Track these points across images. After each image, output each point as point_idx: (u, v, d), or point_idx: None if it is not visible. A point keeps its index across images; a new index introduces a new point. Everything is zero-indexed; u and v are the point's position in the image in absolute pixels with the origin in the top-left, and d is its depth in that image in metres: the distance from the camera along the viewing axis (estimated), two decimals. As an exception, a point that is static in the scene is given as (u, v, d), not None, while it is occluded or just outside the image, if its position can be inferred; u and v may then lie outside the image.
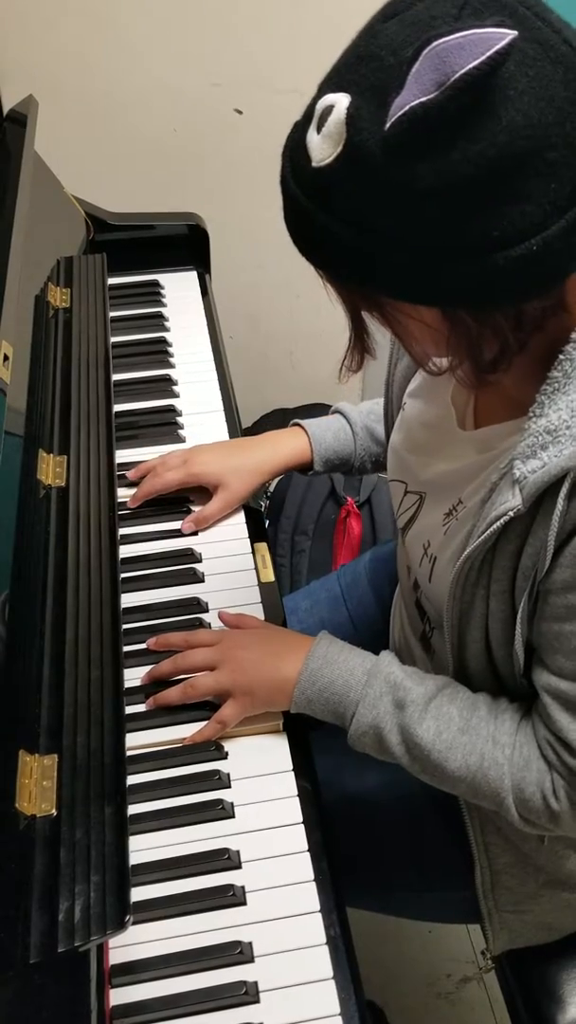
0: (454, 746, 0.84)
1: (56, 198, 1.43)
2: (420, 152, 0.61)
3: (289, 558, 1.82)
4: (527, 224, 0.63)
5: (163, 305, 1.46)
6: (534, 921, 0.99)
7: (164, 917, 0.82)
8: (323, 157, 0.65)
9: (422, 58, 0.60)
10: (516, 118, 0.60)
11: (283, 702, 0.93)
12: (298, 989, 0.78)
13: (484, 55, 0.59)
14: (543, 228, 0.63)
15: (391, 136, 0.61)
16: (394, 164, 0.62)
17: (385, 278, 0.68)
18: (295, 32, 1.66)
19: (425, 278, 0.66)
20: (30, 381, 1.10)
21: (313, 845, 0.86)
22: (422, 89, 0.60)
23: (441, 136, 0.60)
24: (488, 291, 0.66)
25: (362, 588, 1.29)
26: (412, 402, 0.98)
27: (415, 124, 0.60)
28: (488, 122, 0.60)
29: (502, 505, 0.74)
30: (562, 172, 0.62)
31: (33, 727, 0.81)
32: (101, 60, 1.69)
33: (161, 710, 0.95)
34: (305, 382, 2.11)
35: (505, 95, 0.60)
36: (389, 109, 0.61)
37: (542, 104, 0.61)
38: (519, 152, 0.61)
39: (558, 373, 0.72)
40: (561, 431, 0.71)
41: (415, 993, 1.57)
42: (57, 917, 0.69)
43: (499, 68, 0.59)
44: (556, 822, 0.83)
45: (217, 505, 1.13)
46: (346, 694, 0.89)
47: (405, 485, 0.98)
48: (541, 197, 0.62)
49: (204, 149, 1.82)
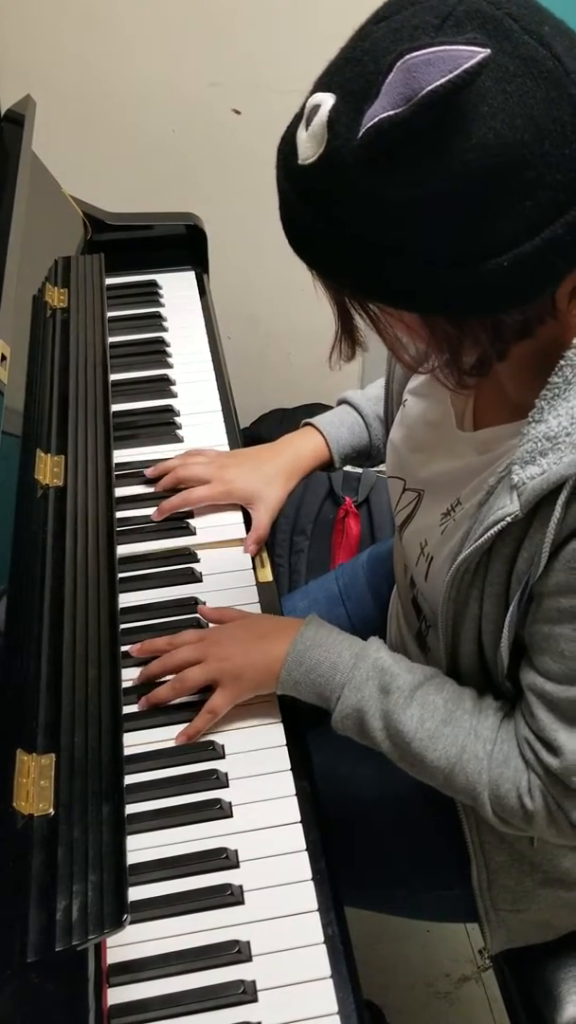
0: (436, 736, 0.85)
1: (54, 198, 1.43)
2: (387, 165, 0.61)
3: (287, 558, 1.82)
4: (498, 241, 0.63)
5: (161, 305, 1.46)
6: (532, 920, 0.99)
7: (162, 916, 0.82)
8: (308, 155, 0.66)
9: (395, 71, 0.60)
10: (488, 136, 0.60)
11: (271, 683, 0.93)
12: (296, 988, 0.78)
13: (452, 73, 0.58)
14: (514, 245, 0.63)
15: (361, 146, 0.62)
16: (364, 173, 0.62)
17: (360, 278, 0.68)
18: (293, 32, 1.66)
19: (397, 283, 0.66)
20: (28, 381, 1.10)
21: (311, 844, 0.86)
22: (391, 102, 0.60)
23: (408, 151, 0.60)
24: (459, 301, 0.66)
25: (360, 587, 1.29)
26: (414, 399, 0.98)
27: (382, 137, 0.60)
28: (457, 139, 0.60)
29: (500, 510, 0.74)
30: (539, 192, 0.62)
31: (31, 726, 0.81)
32: (99, 60, 1.69)
33: (158, 709, 0.95)
34: (303, 382, 2.11)
35: (478, 112, 0.59)
36: (363, 117, 0.61)
37: (519, 122, 0.60)
38: (490, 170, 0.60)
39: (558, 379, 0.72)
40: (561, 438, 0.71)
41: (413, 992, 1.57)
42: (55, 916, 0.69)
43: (467, 86, 0.59)
44: (530, 822, 0.83)
45: (265, 518, 1.13)
46: (332, 676, 0.90)
47: (404, 482, 0.98)
48: (515, 215, 0.62)
49: (202, 149, 1.82)
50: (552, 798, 0.81)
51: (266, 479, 1.14)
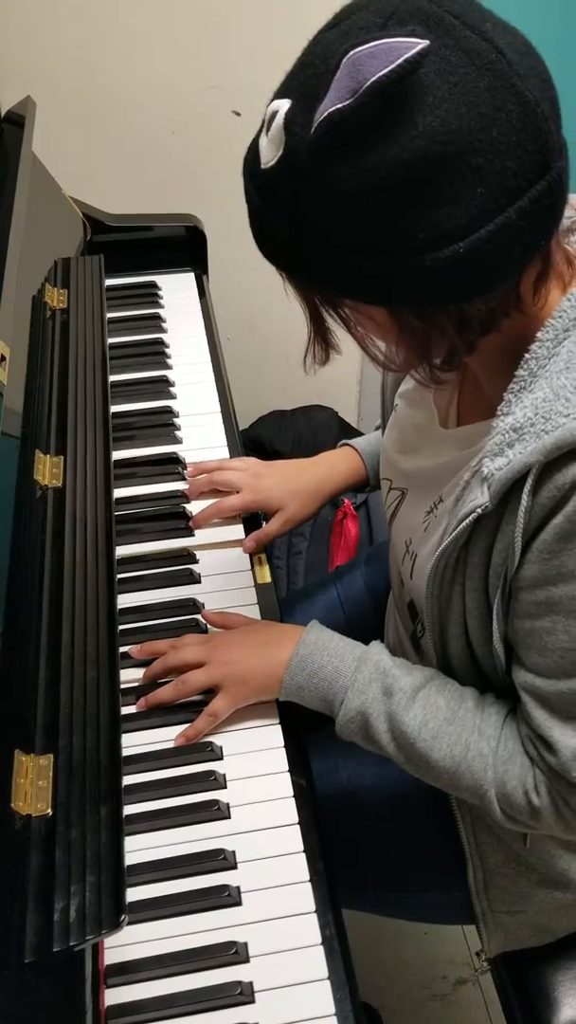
0: (440, 735, 0.85)
1: (54, 199, 1.43)
2: (339, 155, 0.64)
3: (286, 559, 1.82)
4: (452, 227, 0.64)
5: (160, 306, 1.47)
6: (528, 922, 0.99)
7: (159, 917, 0.82)
8: (268, 159, 0.68)
9: (342, 66, 0.62)
10: (434, 124, 0.62)
11: (273, 689, 0.93)
12: (293, 989, 0.78)
13: (394, 63, 0.61)
14: (471, 231, 0.64)
15: (314, 140, 0.64)
16: (318, 167, 0.65)
17: (323, 275, 0.70)
18: (293, 35, 1.66)
19: (359, 276, 0.68)
20: (27, 382, 1.10)
21: (308, 846, 0.86)
22: (339, 96, 0.62)
23: (357, 140, 0.63)
24: (420, 290, 0.67)
25: (358, 590, 1.29)
26: (403, 403, 0.99)
27: (332, 129, 0.63)
28: (404, 126, 0.62)
29: (471, 502, 0.76)
30: (490, 178, 0.63)
31: (29, 727, 0.81)
32: (99, 61, 1.69)
33: (157, 711, 0.95)
34: (302, 384, 2.11)
35: (422, 101, 0.62)
36: (315, 115, 0.64)
37: (463, 110, 0.62)
38: (438, 156, 0.62)
39: (524, 372, 0.74)
40: (526, 428, 0.72)
41: (411, 995, 1.57)
42: (52, 917, 0.69)
43: (409, 75, 0.61)
44: (537, 819, 0.84)
45: (276, 525, 1.14)
46: (335, 680, 0.90)
47: (391, 482, 0.99)
48: (467, 201, 0.64)
49: (202, 151, 1.82)
50: (558, 794, 0.82)
51: (294, 492, 1.15)
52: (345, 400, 2.18)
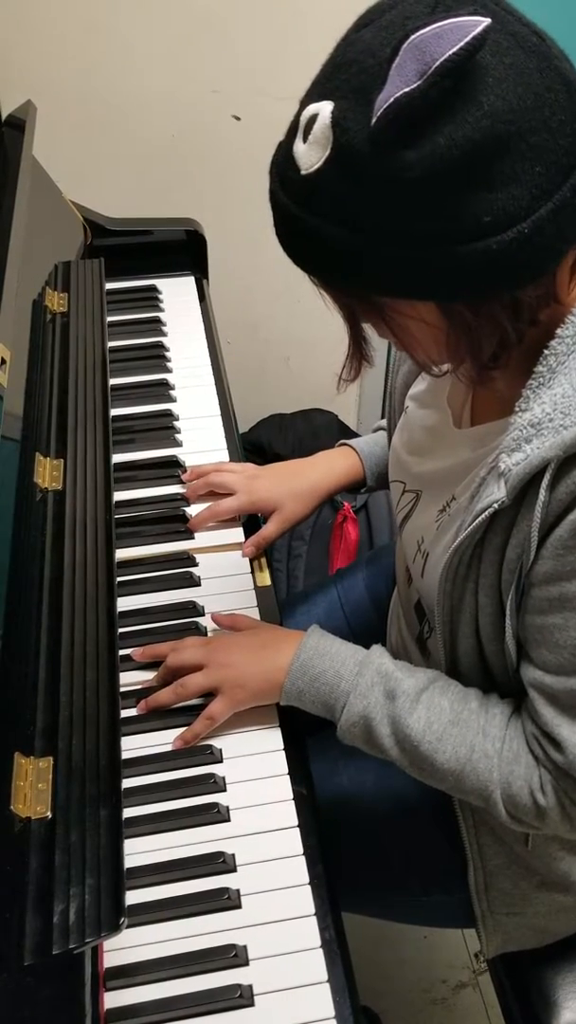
0: (444, 737, 0.85)
1: (54, 203, 1.44)
2: (407, 141, 0.63)
3: (286, 562, 1.82)
4: (517, 208, 0.64)
5: (161, 310, 1.47)
6: (527, 924, 0.99)
7: (159, 920, 0.82)
8: (311, 164, 0.67)
9: (402, 52, 0.62)
10: (497, 103, 0.63)
11: (274, 694, 0.93)
12: (293, 992, 0.78)
13: (462, 41, 0.61)
14: (533, 211, 0.65)
15: (378, 130, 0.63)
16: (383, 156, 0.64)
17: (379, 275, 0.69)
18: (294, 39, 1.67)
19: (419, 270, 0.67)
20: (27, 385, 1.10)
21: (308, 849, 0.86)
22: (405, 80, 0.62)
23: (426, 123, 0.63)
24: (483, 277, 0.67)
25: (359, 593, 1.29)
26: (414, 405, 0.99)
27: (401, 113, 0.62)
28: (470, 107, 0.63)
29: (487, 498, 0.75)
30: (546, 156, 0.64)
31: (28, 730, 0.81)
32: (100, 66, 1.69)
33: (156, 713, 0.95)
34: (302, 387, 2.11)
35: (484, 82, 0.63)
36: (374, 106, 0.63)
37: (520, 90, 0.63)
38: (502, 135, 0.63)
39: (543, 368, 0.73)
40: (544, 424, 0.72)
41: (410, 998, 1.57)
42: (52, 919, 0.69)
43: (476, 53, 0.62)
44: (543, 819, 0.83)
45: (274, 528, 1.14)
46: (337, 684, 0.90)
47: (403, 484, 0.99)
48: (528, 180, 0.64)
49: (202, 155, 1.82)
50: (564, 793, 0.81)
51: (292, 493, 1.15)
52: (345, 403, 2.18)
